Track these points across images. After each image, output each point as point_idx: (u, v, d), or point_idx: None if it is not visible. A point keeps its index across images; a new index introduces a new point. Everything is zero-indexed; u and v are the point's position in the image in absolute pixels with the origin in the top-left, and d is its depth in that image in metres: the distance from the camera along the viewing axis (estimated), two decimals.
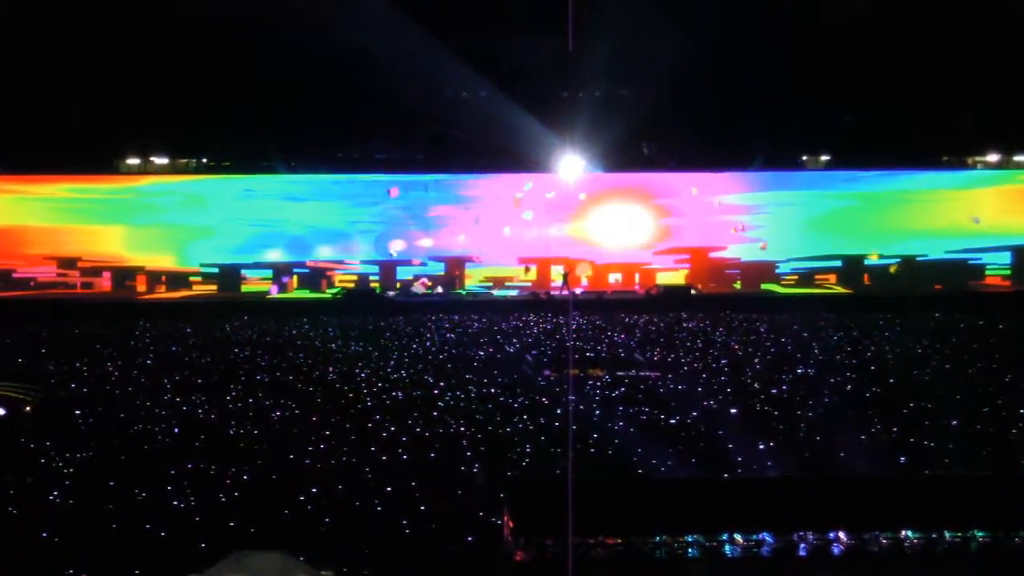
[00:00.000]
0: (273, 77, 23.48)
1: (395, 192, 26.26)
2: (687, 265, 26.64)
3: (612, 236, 26.62)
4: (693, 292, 25.31)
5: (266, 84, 23.63)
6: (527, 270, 26.14)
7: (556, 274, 26.13)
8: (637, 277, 26.62)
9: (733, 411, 10.92)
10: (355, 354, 15.61)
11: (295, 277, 26.39)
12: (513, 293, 25.85)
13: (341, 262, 26.39)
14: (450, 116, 24.27)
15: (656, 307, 22.79)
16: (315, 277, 26.26)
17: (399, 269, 26.38)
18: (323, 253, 26.39)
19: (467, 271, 26.52)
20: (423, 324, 19.93)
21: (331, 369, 13.97)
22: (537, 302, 24.09)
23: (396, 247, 26.30)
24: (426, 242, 26.44)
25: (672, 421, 10.47)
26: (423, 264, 26.40)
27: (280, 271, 26.24)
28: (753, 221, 26.67)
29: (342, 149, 26.73)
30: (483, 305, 23.55)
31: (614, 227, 26.62)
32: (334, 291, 25.95)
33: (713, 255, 26.47)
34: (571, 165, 25.87)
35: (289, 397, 11.79)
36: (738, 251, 26.69)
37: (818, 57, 23.33)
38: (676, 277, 26.44)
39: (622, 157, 25.99)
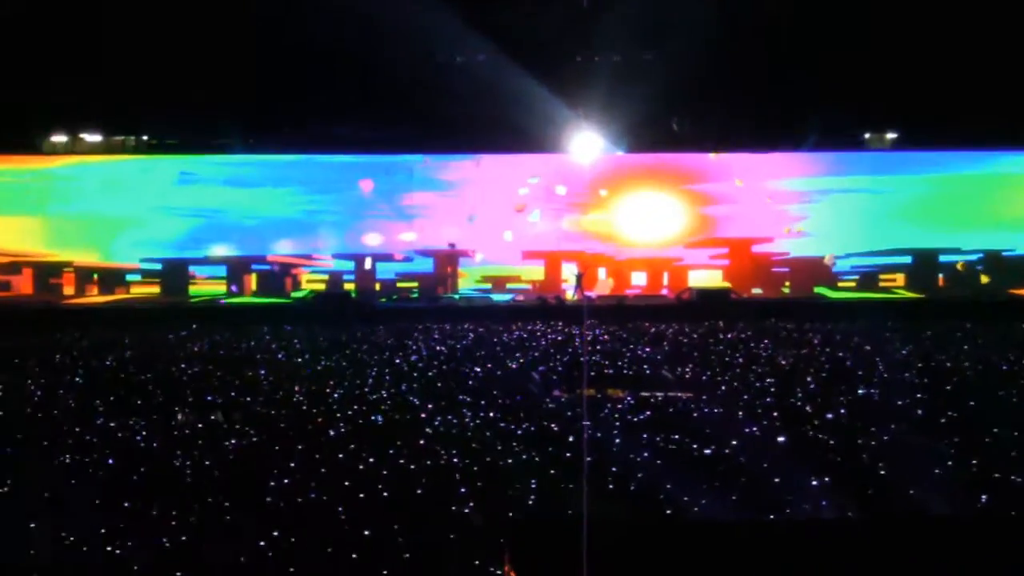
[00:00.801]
0: (229, 36, 23.44)
1: (368, 185, 26.32)
2: (725, 262, 26.67)
3: (635, 229, 26.67)
4: (733, 296, 25.37)
5: (221, 45, 23.58)
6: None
7: (568, 274, 26.19)
8: (665, 277, 26.66)
9: (781, 439, 10.92)
10: (326, 370, 15.66)
11: (254, 276, 26.45)
12: (515, 298, 25.90)
13: (309, 257, 26.48)
14: (440, 85, 24.25)
15: (688, 314, 22.81)
16: (279, 276, 26.33)
17: (378, 266, 26.42)
18: (282, 248, 26.44)
19: (460, 270, 26.59)
20: (408, 334, 19.95)
21: (297, 388, 14.00)
22: (545, 308, 24.11)
23: (373, 240, 26.38)
24: (409, 235, 26.50)
25: (707, 451, 10.47)
26: (408, 260, 26.48)
27: (236, 268, 26.32)
28: (804, 211, 26.68)
29: (310, 124, 26.74)
30: (480, 312, 23.58)
31: (637, 218, 26.67)
32: (302, 294, 26.03)
33: (757, 249, 26.51)
34: (586, 145, 25.92)
35: (247, 421, 11.81)
36: (787, 245, 26.73)
37: (886, 12, 23.27)
38: (713, 278, 26.50)
39: (647, 135, 26.02)
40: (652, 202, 26.68)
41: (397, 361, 16.51)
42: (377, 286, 26.43)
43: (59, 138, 26.66)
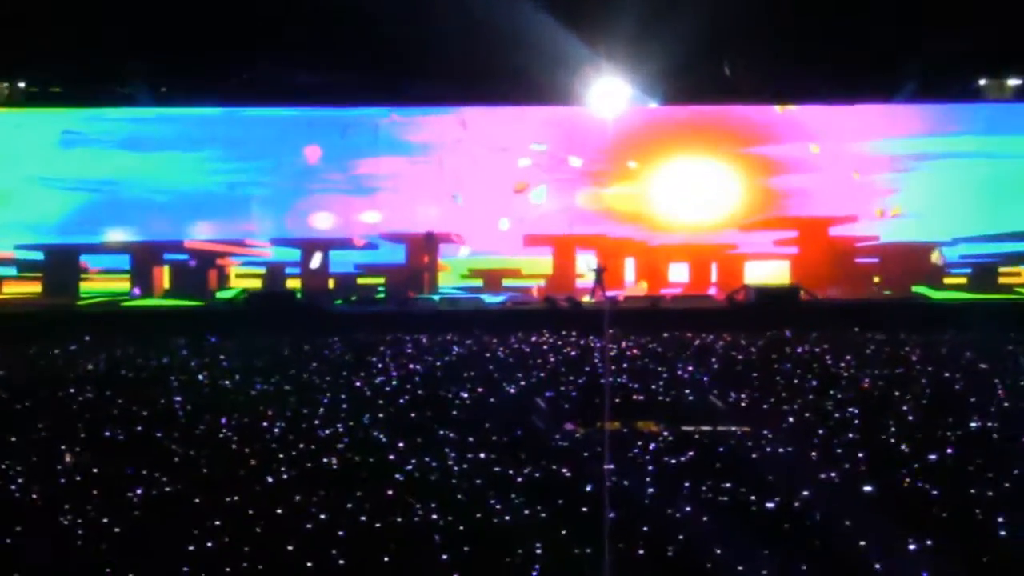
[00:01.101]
0: None
1: (316, 151, 26.32)
2: (793, 250, 26.69)
3: (673, 206, 26.72)
4: (803, 297, 25.40)
5: None
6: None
7: (585, 268, 26.20)
8: (714, 272, 26.70)
9: (867, 489, 10.94)
10: (263, 396, 15.67)
11: (165, 269, 26.43)
12: (513, 299, 25.93)
13: (240, 244, 26.49)
14: (415, 15, 24.26)
15: (744, 321, 22.87)
16: (199, 270, 26.34)
17: (331, 256, 26.44)
18: (203, 232, 26.46)
19: (441, 262, 26.62)
20: (372, 349, 19.95)
21: (225, 421, 14.00)
22: (554, 313, 24.13)
23: (324, 222, 26.45)
24: (371, 216, 26.54)
25: (769, 505, 10.49)
26: (371, 247, 26.51)
27: (142, 259, 26.32)
28: (898, 183, 26.71)
29: (241, 67, 26.72)
30: (467, 318, 23.58)
31: (677, 192, 26.71)
32: (231, 294, 26.05)
33: (835, 232, 26.54)
34: (609, 96, 25.94)
35: (157, 465, 11.81)
36: (876, 227, 26.77)
37: None
38: (777, 273, 26.53)
39: (690, 82, 26.05)
40: (696, 171, 26.73)
41: (357, 384, 16.52)
42: (331, 283, 26.47)
43: None
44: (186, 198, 26.45)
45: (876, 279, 26.83)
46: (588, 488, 10.92)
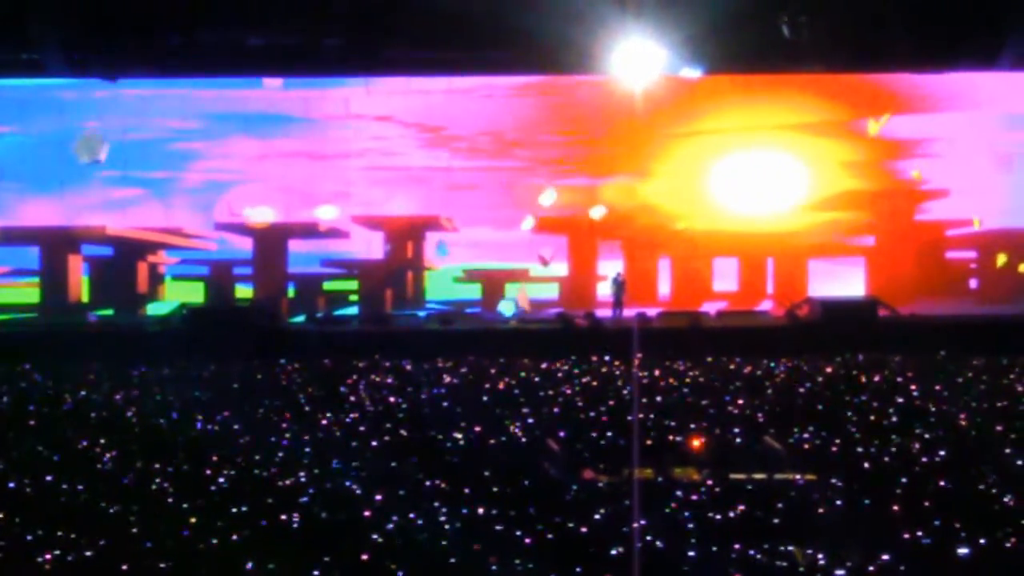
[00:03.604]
0: None
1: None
2: (868, 239, 26.71)
3: (720, 193, 26.80)
4: (883, 313, 25.41)
5: None
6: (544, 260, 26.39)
7: (611, 278, 26.28)
8: (770, 278, 26.68)
9: (962, 551, 10.93)
10: (205, 439, 15.66)
11: (84, 277, 26.46)
12: (518, 314, 26.01)
13: (177, 232, 26.53)
14: None
15: (808, 342, 22.85)
16: (125, 266, 26.26)
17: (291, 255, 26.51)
18: (126, 219, 26.51)
19: (431, 256, 26.68)
20: (342, 377, 19.96)
21: (158, 468, 13.99)
22: (569, 332, 24.15)
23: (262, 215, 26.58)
24: (327, 211, 26.66)
25: (839, 573, 10.49)
26: (338, 235, 26.60)
27: (52, 252, 26.24)
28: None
29: (176, 31, 26.77)
30: (461, 340, 23.57)
31: (723, 176, 26.81)
32: (166, 311, 26.07)
33: (920, 218, 26.57)
34: (637, 61, 25.97)
35: (73, 524, 11.80)
36: (973, 206, 26.81)
37: None
38: (850, 282, 26.56)
39: (739, 45, 26.08)
40: (746, 154, 26.79)
41: (324, 423, 16.54)
42: (290, 292, 26.50)
43: None
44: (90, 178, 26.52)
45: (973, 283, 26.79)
46: (613, 551, 10.94)
